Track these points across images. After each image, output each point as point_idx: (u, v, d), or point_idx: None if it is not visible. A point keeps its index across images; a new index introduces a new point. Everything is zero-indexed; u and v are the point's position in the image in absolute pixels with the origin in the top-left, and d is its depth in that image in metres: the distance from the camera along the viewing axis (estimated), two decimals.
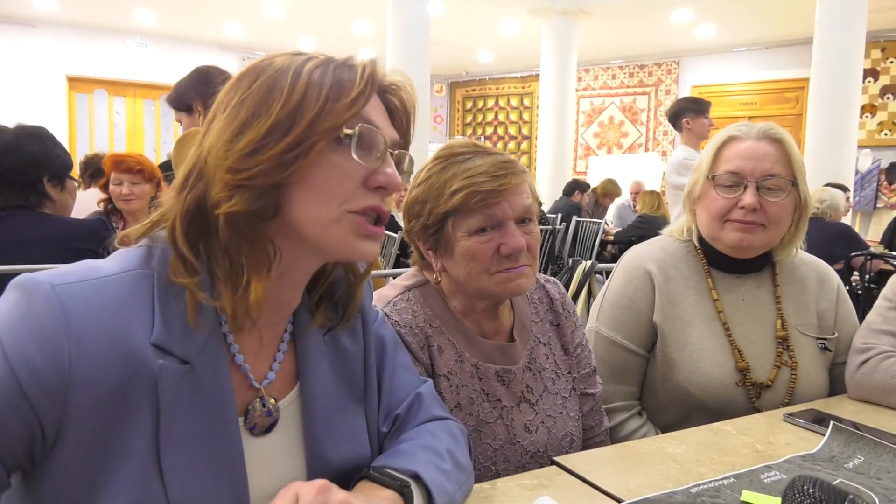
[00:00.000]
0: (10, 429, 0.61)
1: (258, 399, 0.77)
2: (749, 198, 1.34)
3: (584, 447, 1.25)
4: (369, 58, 0.74)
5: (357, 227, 0.73)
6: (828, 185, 4.69)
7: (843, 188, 5.47)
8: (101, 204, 2.78)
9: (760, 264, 1.46)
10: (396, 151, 0.78)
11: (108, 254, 0.74)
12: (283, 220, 0.72)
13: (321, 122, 0.69)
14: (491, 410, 1.14)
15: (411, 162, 0.82)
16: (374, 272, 0.92)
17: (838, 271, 1.52)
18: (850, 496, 0.69)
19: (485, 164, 1.08)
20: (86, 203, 3.04)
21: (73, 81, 9.77)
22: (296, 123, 0.69)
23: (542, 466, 1.06)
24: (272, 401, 0.78)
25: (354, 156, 0.71)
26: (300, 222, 0.72)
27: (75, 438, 0.63)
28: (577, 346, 1.29)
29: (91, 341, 0.63)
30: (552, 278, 1.35)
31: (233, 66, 7.60)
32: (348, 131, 0.71)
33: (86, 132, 9.97)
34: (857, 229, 5.25)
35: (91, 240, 1.93)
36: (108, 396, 0.64)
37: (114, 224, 2.64)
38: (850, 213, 5.38)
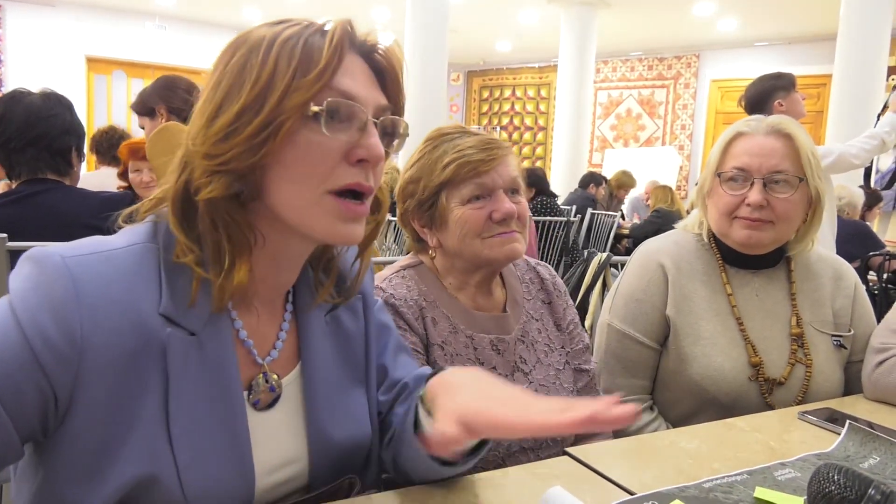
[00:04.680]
0: (24, 396, 0.62)
1: (261, 374, 0.78)
2: (755, 195, 1.33)
3: None
4: (342, 19, 0.71)
5: (338, 210, 0.71)
6: (861, 187, 4.59)
7: (877, 195, 5.38)
8: (122, 190, 2.76)
9: (775, 260, 1.44)
10: (387, 118, 0.75)
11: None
12: (263, 203, 0.71)
13: (288, 99, 0.67)
14: None
15: (406, 127, 0.78)
16: (375, 259, 0.92)
17: (855, 270, 1.50)
18: (875, 482, 0.70)
19: (473, 140, 1.17)
20: (100, 183, 2.86)
21: (92, 62, 9.81)
22: (265, 103, 0.67)
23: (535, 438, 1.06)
24: (275, 377, 0.79)
25: (325, 131, 0.68)
26: (279, 205, 0.71)
27: (88, 406, 0.64)
28: (569, 324, 1.34)
29: (101, 311, 0.64)
30: (543, 262, 1.40)
31: None
32: (315, 108, 0.68)
33: (104, 113, 10.04)
34: (875, 229, 5.18)
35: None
36: (120, 364, 0.65)
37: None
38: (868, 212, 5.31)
